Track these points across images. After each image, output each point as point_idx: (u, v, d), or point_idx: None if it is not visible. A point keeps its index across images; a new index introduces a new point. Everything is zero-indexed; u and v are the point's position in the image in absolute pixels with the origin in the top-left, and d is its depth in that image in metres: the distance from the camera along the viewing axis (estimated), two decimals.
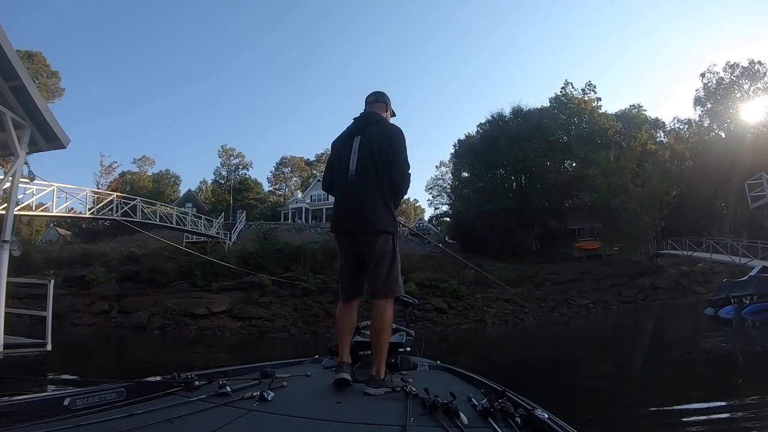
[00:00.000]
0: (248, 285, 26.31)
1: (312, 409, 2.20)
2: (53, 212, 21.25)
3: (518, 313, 26.96)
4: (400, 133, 3.14)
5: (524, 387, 2.74)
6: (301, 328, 23.07)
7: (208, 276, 26.96)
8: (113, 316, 24.95)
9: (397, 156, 3.04)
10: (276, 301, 25.66)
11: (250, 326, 23.31)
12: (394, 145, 3.06)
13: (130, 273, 29.00)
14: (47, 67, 52.57)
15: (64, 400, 2.12)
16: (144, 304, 25.33)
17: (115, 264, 30.22)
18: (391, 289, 2.99)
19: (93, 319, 24.57)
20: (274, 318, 24.03)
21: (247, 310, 24.68)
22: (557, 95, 53.67)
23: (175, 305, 24.66)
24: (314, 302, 25.61)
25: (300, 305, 25.37)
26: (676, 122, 54.13)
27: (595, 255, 38.11)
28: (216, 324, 23.49)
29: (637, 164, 36.09)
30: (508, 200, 44.11)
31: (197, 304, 24.79)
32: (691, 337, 16.12)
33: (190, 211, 34.92)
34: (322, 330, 22.48)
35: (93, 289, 27.24)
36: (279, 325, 23.41)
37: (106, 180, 60.13)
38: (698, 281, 30.78)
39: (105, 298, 26.38)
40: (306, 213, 54.69)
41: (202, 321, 23.74)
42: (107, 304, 25.74)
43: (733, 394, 7.11)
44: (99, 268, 28.99)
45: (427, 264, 30.89)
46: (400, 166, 3.04)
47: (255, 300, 25.63)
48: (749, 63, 46.50)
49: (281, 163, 78.03)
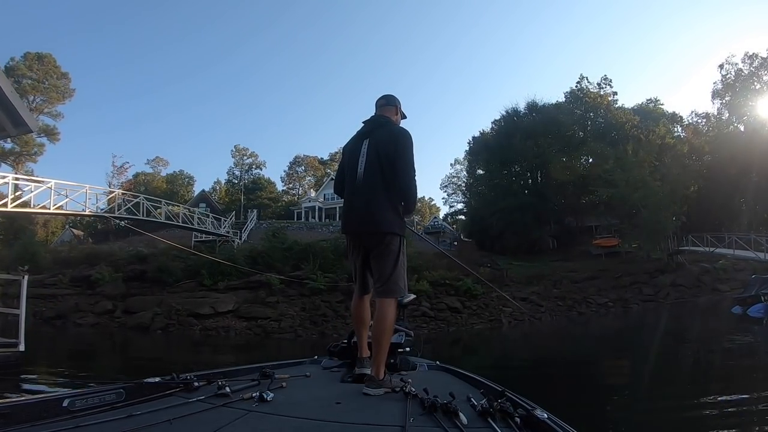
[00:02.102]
0: (256, 284, 25.61)
1: (311, 409, 2.19)
2: (51, 209, 20.78)
3: (535, 313, 26.09)
4: (406, 135, 3.17)
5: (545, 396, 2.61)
6: (308, 329, 22.34)
7: (215, 275, 26.34)
8: (117, 316, 24.58)
9: (401, 158, 3.06)
10: (284, 301, 24.96)
11: (256, 326, 22.61)
12: (399, 148, 3.08)
13: (137, 272, 28.68)
14: (57, 69, 52.70)
15: (64, 401, 2.12)
16: (148, 303, 24.86)
17: (122, 263, 29.87)
18: (392, 290, 3.01)
19: (96, 319, 24.28)
20: (281, 318, 23.29)
21: (254, 309, 23.97)
22: (573, 89, 52.83)
23: (180, 305, 24.14)
24: (323, 302, 24.87)
25: (308, 305, 24.62)
26: (694, 116, 53.06)
27: (613, 252, 37.54)
28: (221, 324, 22.91)
29: (656, 158, 35.09)
30: (524, 197, 43.41)
31: (202, 303, 24.21)
32: (720, 336, 15.36)
33: (197, 210, 34.35)
34: (330, 330, 21.85)
35: (98, 289, 27.06)
36: (285, 325, 22.68)
37: (119, 181, 60.30)
38: (720, 278, 30.03)
39: (110, 298, 26.09)
40: (319, 212, 54.65)
41: (207, 321, 23.16)
42: (111, 304, 25.42)
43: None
44: (105, 268, 28.73)
45: (441, 262, 30.04)
46: (404, 168, 3.05)
47: (262, 299, 24.90)
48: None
49: (294, 162, 78.27)
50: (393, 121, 3.35)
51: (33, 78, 49.54)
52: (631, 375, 9.93)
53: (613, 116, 48.82)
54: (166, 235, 35.59)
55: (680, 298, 28.19)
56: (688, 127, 52.15)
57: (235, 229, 36.29)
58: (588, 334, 21.25)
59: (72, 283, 28.25)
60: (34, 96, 50.17)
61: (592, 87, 52.82)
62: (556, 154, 46.03)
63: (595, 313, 26.84)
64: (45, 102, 51.26)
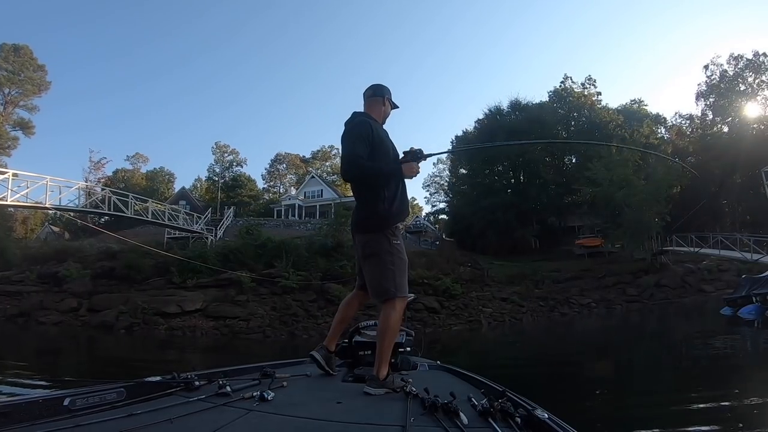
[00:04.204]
0: (226, 282, 24.57)
1: (312, 409, 2.16)
2: (8, 201, 19.77)
3: (516, 313, 25.61)
4: (352, 122, 3.08)
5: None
6: (277, 329, 21.45)
7: (185, 273, 25.29)
8: (81, 315, 23.75)
9: (343, 145, 2.99)
10: (254, 300, 23.99)
11: (224, 326, 21.69)
12: (342, 141, 3.01)
13: (106, 269, 27.68)
14: (34, 61, 51.54)
15: (64, 400, 2.07)
16: (114, 302, 23.92)
17: (91, 260, 28.95)
18: (378, 292, 2.95)
19: (60, 317, 23.52)
20: (251, 317, 22.38)
21: (222, 308, 23.01)
22: (557, 89, 52.86)
23: (146, 303, 23.12)
24: (294, 301, 23.99)
25: (279, 304, 23.72)
26: (678, 117, 53.15)
27: (596, 252, 37.46)
28: (187, 324, 21.97)
29: (640, 156, 34.76)
30: (506, 196, 43.45)
31: (170, 302, 23.23)
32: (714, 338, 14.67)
33: (167, 206, 33.18)
34: (300, 331, 21.07)
35: (65, 286, 26.10)
36: (254, 325, 21.77)
37: (95, 177, 58.80)
38: (705, 279, 29.65)
39: (76, 295, 25.19)
40: (299, 210, 53.64)
41: (173, 320, 22.23)
42: (77, 302, 24.58)
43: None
44: (73, 264, 27.75)
45: (420, 261, 29.35)
46: (343, 151, 2.97)
47: (231, 298, 23.90)
48: (754, 55, 45.09)
49: (276, 159, 76.97)
50: (358, 113, 3.19)
51: (8, 70, 48.25)
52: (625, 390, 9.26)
53: (597, 116, 48.83)
54: (142, 232, 34.93)
55: (665, 298, 27.79)
56: (672, 128, 52.54)
57: (211, 226, 35.25)
58: (571, 335, 20.84)
59: (39, 280, 27.28)
60: (9, 89, 48.97)
61: (576, 87, 52.93)
62: (540, 152, 46.06)
63: (578, 313, 26.39)
64: (20, 94, 50.10)
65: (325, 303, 23.83)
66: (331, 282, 24.32)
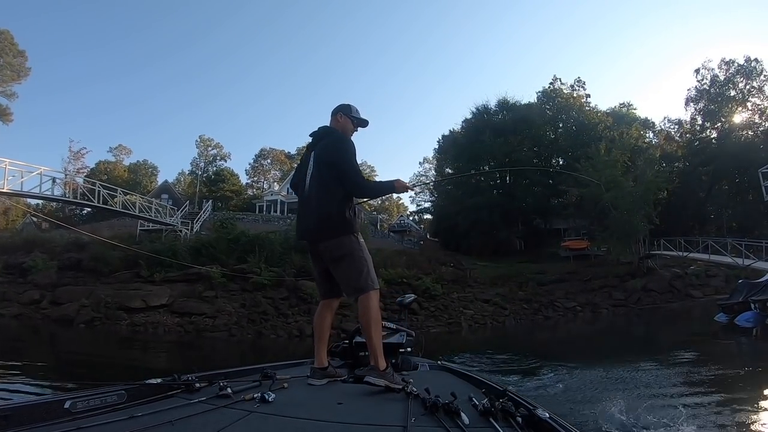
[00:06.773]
0: (195, 277, 23.47)
1: (313, 410, 2.17)
2: None
3: (498, 316, 24.89)
4: (346, 141, 3.22)
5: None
6: (244, 328, 20.39)
7: (153, 266, 24.11)
8: (43, 307, 22.67)
9: (347, 163, 3.08)
10: (223, 296, 22.88)
11: (188, 323, 20.59)
12: (341, 154, 3.11)
13: (73, 261, 26.76)
14: (14, 46, 49.76)
15: (65, 402, 2.08)
16: (77, 294, 22.76)
17: (58, 251, 27.99)
18: (360, 287, 2.97)
19: (21, 310, 22.36)
20: (217, 315, 21.28)
21: (188, 305, 21.90)
22: (545, 89, 52.23)
23: (110, 297, 22.01)
24: (265, 298, 22.85)
25: (249, 301, 22.59)
26: (667, 122, 52.91)
27: (582, 255, 37.00)
28: (150, 320, 20.92)
29: (629, 158, 34.14)
30: (491, 196, 43.06)
31: (134, 296, 22.13)
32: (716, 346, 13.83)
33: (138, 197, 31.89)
34: (268, 330, 20.07)
35: (29, 277, 25.07)
36: (220, 323, 20.68)
37: (75, 167, 57.63)
38: (693, 284, 28.99)
39: (39, 287, 24.15)
40: (281, 206, 52.54)
41: (137, 316, 21.18)
42: (39, 294, 23.52)
43: None
44: (40, 255, 26.72)
45: (400, 260, 28.46)
46: (349, 171, 3.08)
47: (199, 294, 22.78)
48: (745, 60, 44.69)
49: (260, 155, 75.79)
50: (335, 129, 3.34)
51: None
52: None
53: (586, 117, 48.41)
54: (118, 224, 33.78)
55: (652, 303, 27.11)
56: (661, 133, 52.33)
57: (188, 220, 34.10)
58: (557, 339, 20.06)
59: (5, 271, 26.19)
60: None
61: (565, 88, 52.49)
62: (527, 152, 45.79)
63: (563, 317, 25.79)
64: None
65: (297, 301, 22.86)
66: (305, 279, 23.30)
